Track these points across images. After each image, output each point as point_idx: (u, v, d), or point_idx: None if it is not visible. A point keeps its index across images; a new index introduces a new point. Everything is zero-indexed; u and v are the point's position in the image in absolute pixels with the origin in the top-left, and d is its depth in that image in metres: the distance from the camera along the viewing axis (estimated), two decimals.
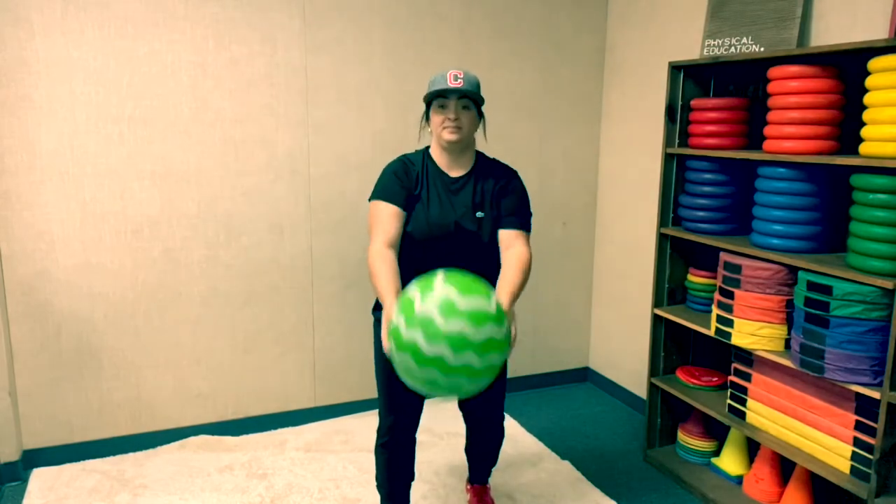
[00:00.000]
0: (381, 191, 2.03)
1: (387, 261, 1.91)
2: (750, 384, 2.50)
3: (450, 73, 1.97)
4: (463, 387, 1.64)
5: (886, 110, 1.96)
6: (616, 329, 3.63)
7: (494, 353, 1.61)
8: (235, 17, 2.83)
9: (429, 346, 1.55)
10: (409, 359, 1.59)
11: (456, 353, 1.55)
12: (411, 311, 1.59)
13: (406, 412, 2.16)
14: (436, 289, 1.61)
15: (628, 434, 3.24)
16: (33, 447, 2.82)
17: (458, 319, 1.55)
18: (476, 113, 2.05)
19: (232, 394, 3.11)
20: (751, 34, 2.61)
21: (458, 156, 2.08)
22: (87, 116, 2.69)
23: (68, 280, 2.76)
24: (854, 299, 2.03)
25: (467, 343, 1.55)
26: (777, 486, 2.55)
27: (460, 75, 1.97)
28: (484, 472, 2.53)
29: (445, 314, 1.55)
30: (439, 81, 1.99)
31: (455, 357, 1.55)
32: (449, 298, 1.57)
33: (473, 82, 2.01)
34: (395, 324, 1.62)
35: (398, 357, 1.63)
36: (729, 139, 2.59)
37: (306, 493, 2.65)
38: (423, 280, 1.66)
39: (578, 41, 3.49)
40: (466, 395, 1.69)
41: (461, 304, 1.57)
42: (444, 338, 1.54)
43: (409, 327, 1.58)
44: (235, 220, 2.97)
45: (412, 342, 1.56)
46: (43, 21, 2.58)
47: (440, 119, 2.01)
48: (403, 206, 2.01)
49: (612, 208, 3.57)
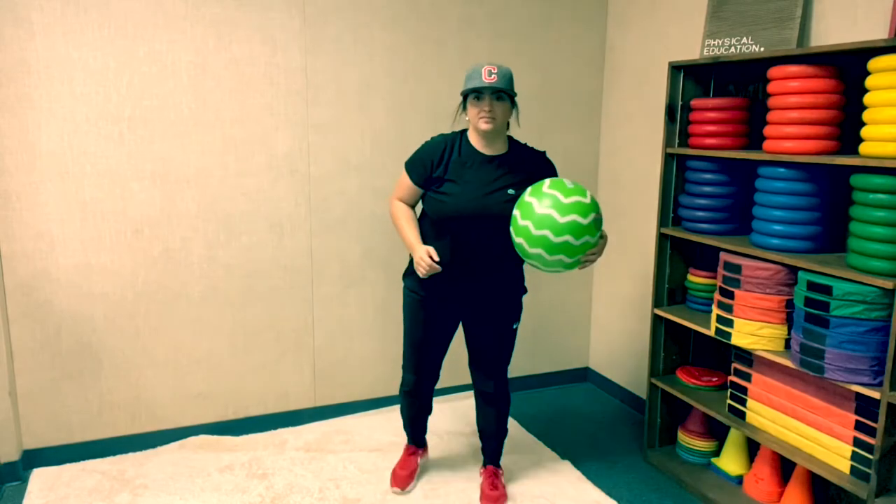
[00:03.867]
0: (409, 164, 2.40)
1: (404, 209, 2.40)
2: (750, 384, 2.50)
3: (484, 69, 2.20)
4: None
5: (886, 110, 1.96)
6: (616, 329, 3.63)
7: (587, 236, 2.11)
8: (235, 17, 2.83)
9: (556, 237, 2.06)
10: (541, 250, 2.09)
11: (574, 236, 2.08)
12: (533, 212, 2.09)
13: (428, 373, 2.58)
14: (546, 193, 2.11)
15: (628, 434, 3.24)
16: (33, 447, 2.82)
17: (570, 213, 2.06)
18: (509, 103, 2.29)
19: (232, 394, 3.11)
20: (751, 34, 2.61)
21: (492, 140, 2.33)
22: (87, 116, 2.69)
23: (68, 280, 2.76)
24: (854, 299, 2.03)
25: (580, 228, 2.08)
26: (777, 486, 2.55)
27: (494, 70, 2.20)
28: (495, 449, 2.69)
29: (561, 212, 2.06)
30: (475, 77, 2.22)
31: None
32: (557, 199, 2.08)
33: (506, 76, 2.23)
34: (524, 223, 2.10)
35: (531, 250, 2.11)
36: (729, 139, 2.59)
37: (306, 493, 2.65)
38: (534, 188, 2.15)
39: (578, 41, 3.49)
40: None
41: (565, 202, 2.07)
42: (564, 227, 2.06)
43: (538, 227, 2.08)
44: (235, 220, 2.97)
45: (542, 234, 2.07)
46: (43, 21, 2.58)
47: (476, 110, 2.26)
48: (420, 184, 2.37)
49: (612, 208, 3.57)
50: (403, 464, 2.75)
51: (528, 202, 2.12)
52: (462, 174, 2.30)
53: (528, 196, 2.14)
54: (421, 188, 2.36)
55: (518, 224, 2.12)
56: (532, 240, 2.08)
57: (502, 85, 2.20)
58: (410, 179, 2.37)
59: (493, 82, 2.18)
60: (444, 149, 2.34)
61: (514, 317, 2.52)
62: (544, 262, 2.11)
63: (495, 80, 2.18)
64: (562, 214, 2.05)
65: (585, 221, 2.07)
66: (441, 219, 2.33)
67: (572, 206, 2.06)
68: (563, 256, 2.09)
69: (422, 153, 2.37)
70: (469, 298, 2.45)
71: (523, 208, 2.12)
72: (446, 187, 2.31)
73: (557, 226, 2.04)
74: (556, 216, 2.05)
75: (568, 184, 2.13)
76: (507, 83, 2.22)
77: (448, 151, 2.34)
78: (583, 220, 2.06)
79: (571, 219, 2.05)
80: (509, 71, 2.25)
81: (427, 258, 2.23)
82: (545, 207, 2.06)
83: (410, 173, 2.37)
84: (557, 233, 2.05)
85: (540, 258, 2.11)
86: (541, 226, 2.06)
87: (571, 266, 2.14)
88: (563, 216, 2.05)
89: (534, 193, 2.12)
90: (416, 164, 2.36)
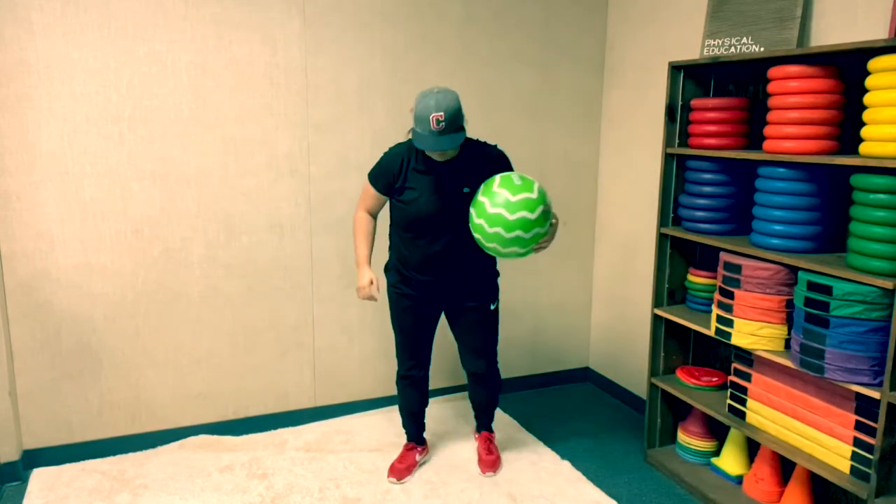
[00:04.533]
0: (373, 176, 2.53)
1: (363, 224, 2.57)
2: (750, 384, 2.50)
3: (432, 118, 2.24)
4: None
5: (886, 110, 1.96)
6: (616, 329, 3.63)
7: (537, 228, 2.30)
8: (235, 17, 2.83)
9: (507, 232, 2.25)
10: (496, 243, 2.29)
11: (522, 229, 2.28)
12: (484, 211, 2.27)
13: (420, 357, 2.71)
14: (496, 193, 2.28)
15: (628, 434, 3.24)
16: (33, 447, 2.82)
17: (520, 211, 2.23)
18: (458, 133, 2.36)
19: (232, 394, 3.11)
20: (751, 34, 2.61)
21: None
22: (87, 116, 2.69)
23: (68, 280, 2.76)
24: (854, 299, 2.03)
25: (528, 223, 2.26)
26: (777, 486, 2.55)
27: (441, 118, 2.25)
28: (488, 418, 2.93)
29: (509, 210, 2.24)
30: (423, 121, 2.27)
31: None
32: (507, 199, 2.25)
33: (451, 115, 2.26)
34: (479, 222, 2.29)
35: (488, 244, 2.31)
36: (729, 139, 2.59)
37: (306, 492, 2.65)
38: (485, 186, 2.32)
39: (578, 41, 3.49)
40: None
41: (514, 199, 2.24)
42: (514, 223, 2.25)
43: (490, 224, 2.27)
44: (235, 220, 2.97)
45: (495, 231, 2.26)
46: (43, 21, 2.58)
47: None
48: (385, 193, 2.52)
49: (612, 208, 3.57)
50: (402, 458, 2.82)
51: (480, 202, 2.30)
52: (419, 180, 2.45)
53: (480, 195, 2.32)
54: (385, 196, 2.53)
55: (474, 222, 2.33)
56: (487, 236, 2.29)
57: (448, 132, 2.28)
58: (375, 189, 2.52)
59: (440, 130, 2.26)
60: (402, 160, 2.47)
61: (490, 298, 2.68)
62: (500, 254, 2.35)
63: (442, 127, 2.26)
64: (511, 212, 2.23)
65: (534, 216, 2.26)
66: (406, 223, 2.50)
67: (520, 204, 2.24)
68: (517, 248, 2.31)
69: (383, 164, 2.50)
70: (444, 290, 2.61)
71: (477, 207, 2.31)
72: (406, 195, 2.47)
73: (508, 223, 2.24)
74: (505, 214, 2.24)
75: (516, 180, 2.30)
76: (452, 126, 2.28)
77: (406, 161, 2.47)
78: (531, 216, 2.25)
79: (521, 215, 2.24)
80: (454, 105, 2.27)
81: (367, 288, 2.51)
82: (495, 207, 2.25)
83: (375, 184, 2.52)
84: (509, 229, 2.25)
85: (496, 251, 2.34)
86: (493, 223, 2.26)
87: (525, 254, 2.37)
88: (513, 213, 2.23)
89: (485, 193, 2.30)
90: (380, 175, 2.51)
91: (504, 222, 2.23)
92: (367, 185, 2.54)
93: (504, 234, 2.25)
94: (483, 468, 2.81)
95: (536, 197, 2.27)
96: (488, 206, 2.26)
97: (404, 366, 2.72)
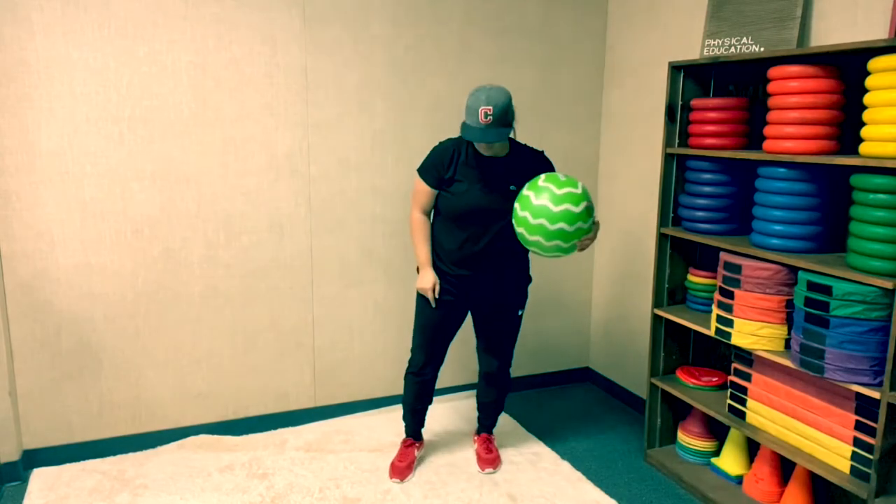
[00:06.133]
0: (422, 170, 2.58)
1: (420, 225, 2.61)
2: (750, 384, 2.50)
3: (481, 111, 2.32)
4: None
5: (886, 110, 1.96)
6: (616, 329, 3.63)
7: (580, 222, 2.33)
8: (235, 17, 2.83)
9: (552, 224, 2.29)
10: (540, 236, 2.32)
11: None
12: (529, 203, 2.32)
13: (436, 355, 2.72)
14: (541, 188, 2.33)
15: (628, 434, 3.24)
16: (33, 447, 2.83)
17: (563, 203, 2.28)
18: (506, 129, 2.42)
19: (232, 394, 3.11)
20: (751, 34, 2.61)
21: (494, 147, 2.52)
22: (86, 116, 2.69)
23: (68, 280, 2.76)
24: (854, 299, 2.03)
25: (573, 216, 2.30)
26: (777, 486, 2.55)
27: (490, 112, 2.32)
28: (491, 422, 2.95)
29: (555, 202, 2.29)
30: (472, 113, 2.35)
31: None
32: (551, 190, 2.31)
33: (500, 111, 2.34)
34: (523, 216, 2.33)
35: (530, 237, 2.34)
36: (729, 139, 2.59)
37: (306, 492, 2.65)
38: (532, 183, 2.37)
39: (578, 41, 3.49)
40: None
41: (559, 193, 2.30)
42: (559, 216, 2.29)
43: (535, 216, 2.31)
44: (235, 220, 2.97)
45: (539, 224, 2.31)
46: (43, 21, 2.58)
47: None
48: (435, 186, 2.56)
49: (612, 209, 3.57)
50: (401, 456, 2.81)
51: (525, 195, 2.35)
52: (469, 174, 2.51)
53: (525, 190, 2.37)
54: (435, 190, 2.56)
55: (518, 215, 2.36)
56: (530, 228, 2.32)
57: (496, 126, 2.35)
58: (426, 184, 2.56)
59: (487, 124, 2.33)
60: (453, 153, 2.53)
61: (520, 304, 2.73)
62: (543, 248, 2.35)
63: (490, 121, 2.33)
64: (555, 204, 2.28)
65: (577, 210, 2.30)
66: (452, 215, 2.54)
67: (565, 197, 2.29)
68: (560, 242, 2.32)
69: (433, 158, 2.56)
70: (478, 287, 2.63)
71: (522, 201, 2.35)
72: (455, 187, 2.52)
73: (552, 215, 2.27)
74: (550, 206, 2.28)
75: (561, 177, 2.36)
76: (500, 121, 2.35)
77: (456, 154, 2.53)
78: (575, 209, 2.29)
79: (564, 208, 2.28)
80: (503, 101, 2.35)
81: (431, 292, 2.56)
82: (541, 199, 2.30)
83: (425, 177, 2.56)
84: (553, 221, 2.28)
85: (538, 245, 2.34)
86: (537, 215, 2.29)
87: (568, 251, 2.37)
88: (557, 206, 2.28)
89: (531, 187, 2.36)
90: (429, 168, 2.55)
91: (549, 214, 2.27)
92: (418, 181, 2.58)
93: (548, 225, 2.28)
94: (482, 465, 2.83)
95: (581, 192, 2.32)
96: (533, 199, 2.31)
97: (419, 364, 2.72)
